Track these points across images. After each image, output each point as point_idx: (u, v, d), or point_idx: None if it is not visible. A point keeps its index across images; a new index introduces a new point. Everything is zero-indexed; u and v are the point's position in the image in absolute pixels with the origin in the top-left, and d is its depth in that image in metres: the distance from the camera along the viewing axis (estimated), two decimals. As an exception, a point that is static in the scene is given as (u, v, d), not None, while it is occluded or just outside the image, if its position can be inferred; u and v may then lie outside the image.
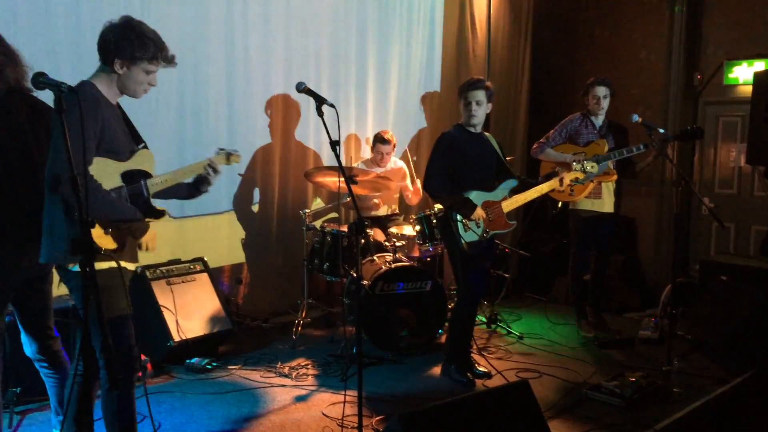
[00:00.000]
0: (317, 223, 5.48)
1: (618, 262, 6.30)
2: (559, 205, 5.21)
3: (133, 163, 2.75)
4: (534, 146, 5.17)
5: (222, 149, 3.22)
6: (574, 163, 4.33)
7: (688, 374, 4.27)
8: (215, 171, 3.07)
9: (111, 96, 2.72)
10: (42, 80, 2.26)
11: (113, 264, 2.62)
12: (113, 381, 2.25)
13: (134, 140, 2.84)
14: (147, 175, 2.80)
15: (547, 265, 6.52)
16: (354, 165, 5.57)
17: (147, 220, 2.78)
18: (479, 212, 4.06)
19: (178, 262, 4.73)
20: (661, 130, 4.60)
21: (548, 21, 7.30)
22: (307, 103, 5.55)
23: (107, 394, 2.74)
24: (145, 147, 2.86)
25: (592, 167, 4.32)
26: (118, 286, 2.62)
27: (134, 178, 2.74)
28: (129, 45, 2.63)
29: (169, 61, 2.80)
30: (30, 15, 3.98)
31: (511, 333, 5.25)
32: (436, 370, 4.42)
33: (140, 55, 2.65)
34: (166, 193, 3.00)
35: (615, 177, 5.02)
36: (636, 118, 4.55)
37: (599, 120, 5.10)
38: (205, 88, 5.04)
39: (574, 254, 5.25)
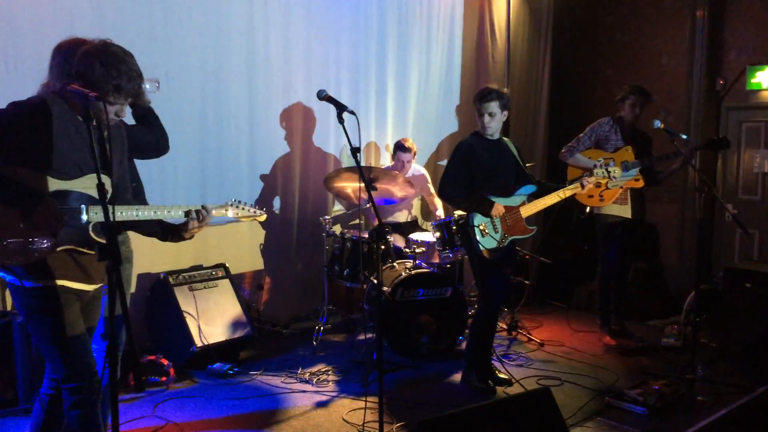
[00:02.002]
0: (337, 229, 5.50)
1: (640, 268, 6.25)
2: (587, 210, 5.19)
3: (76, 185, 2.48)
4: (563, 150, 5.14)
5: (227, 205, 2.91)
6: (596, 168, 4.31)
7: (712, 382, 4.22)
8: (200, 219, 2.74)
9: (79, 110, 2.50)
10: None
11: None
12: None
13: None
14: (94, 201, 2.52)
15: (568, 271, 6.48)
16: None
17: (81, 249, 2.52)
18: (499, 208, 4.05)
19: (200, 268, 4.78)
20: (684, 136, 4.57)
21: (568, 27, 7.27)
22: (327, 110, 5.57)
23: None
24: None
25: (615, 171, 4.30)
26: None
27: (71, 200, 2.48)
28: None
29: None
30: (55, 24, 4.05)
31: (532, 340, 5.22)
32: (457, 377, 4.41)
33: None
34: (141, 229, 2.81)
35: (641, 183, 5.01)
36: (658, 124, 4.53)
37: (629, 126, 5.08)
38: (227, 96, 5.09)
39: (603, 260, 5.21)
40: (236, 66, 5.11)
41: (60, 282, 2.50)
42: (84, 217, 2.50)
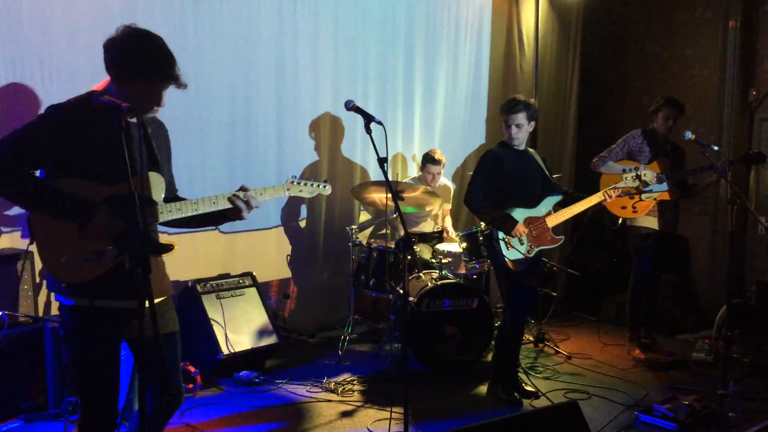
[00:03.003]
0: (363, 239, 5.51)
1: (671, 281, 6.15)
2: (619, 221, 5.13)
3: (124, 188, 2.31)
4: (595, 159, 5.09)
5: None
6: (626, 173, 4.26)
7: (743, 398, 4.12)
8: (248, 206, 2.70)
9: None
10: None
11: None
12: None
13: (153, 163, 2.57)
14: (150, 202, 2.50)
15: (596, 283, 6.40)
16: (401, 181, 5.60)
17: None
18: (520, 229, 4.02)
19: (227, 276, 4.82)
20: (715, 148, 4.50)
21: (597, 37, 7.23)
22: (355, 120, 5.60)
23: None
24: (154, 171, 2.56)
25: (646, 175, 4.24)
26: None
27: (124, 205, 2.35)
28: None
29: None
30: (90, 32, 4.13)
31: (559, 352, 5.17)
32: (483, 389, 4.37)
33: None
34: (198, 222, 2.75)
35: (675, 196, 4.95)
36: (689, 135, 4.47)
37: (661, 139, 5.03)
38: (256, 106, 5.14)
39: (635, 272, 5.14)
40: (265, 76, 5.17)
41: (102, 302, 2.42)
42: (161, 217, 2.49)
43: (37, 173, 2.42)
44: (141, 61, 2.39)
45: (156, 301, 2.62)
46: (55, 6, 4.07)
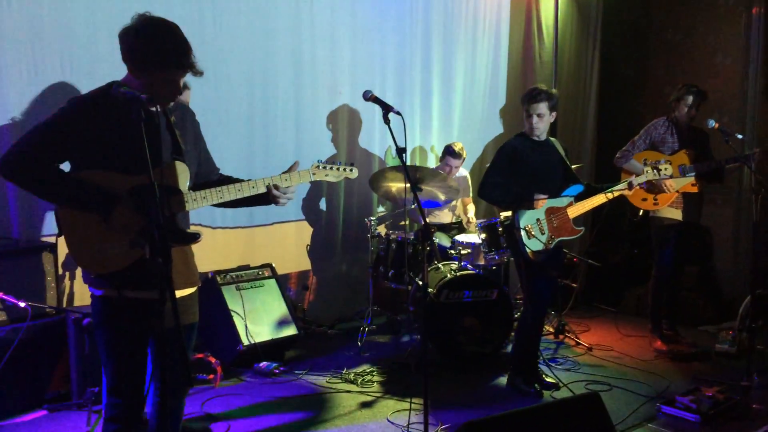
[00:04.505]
0: (382, 230, 5.51)
1: (693, 272, 6.08)
2: (641, 213, 5.07)
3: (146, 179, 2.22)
4: (618, 155, 5.02)
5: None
6: (645, 167, 4.21)
7: (767, 390, 4.08)
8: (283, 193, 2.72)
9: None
10: None
11: None
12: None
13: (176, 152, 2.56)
14: (175, 192, 2.51)
15: (617, 275, 6.34)
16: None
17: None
18: (540, 202, 3.98)
19: (247, 268, 4.84)
20: (739, 136, 4.44)
21: (618, 25, 7.12)
22: (373, 112, 5.60)
23: None
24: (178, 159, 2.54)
25: (666, 169, 4.18)
26: None
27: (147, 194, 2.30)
28: None
29: None
30: (110, 28, 4.15)
31: (580, 344, 5.13)
32: (503, 381, 4.36)
33: None
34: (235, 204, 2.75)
35: (697, 188, 4.88)
36: (712, 123, 4.40)
37: (684, 127, 4.96)
38: (274, 97, 5.15)
39: (658, 263, 5.09)
40: (283, 68, 5.17)
41: (130, 293, 2.44)
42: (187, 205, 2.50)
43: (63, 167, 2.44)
44: (156, 50, 2.38)
45: (188, 292, 2.65)
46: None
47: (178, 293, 2.44)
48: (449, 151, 5.40)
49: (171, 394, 2.67)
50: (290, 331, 4.72)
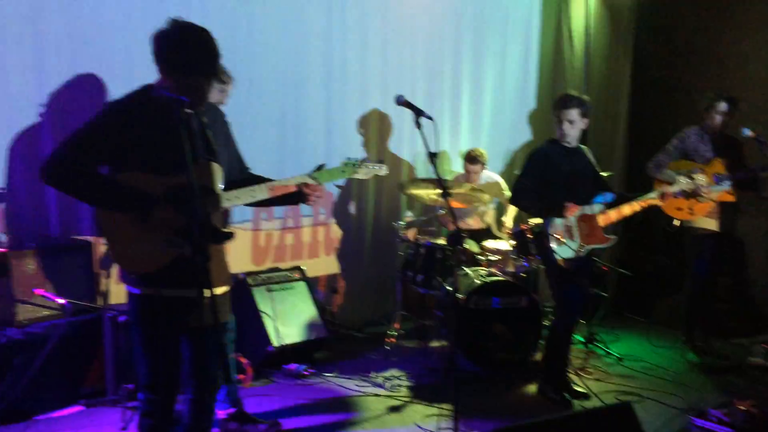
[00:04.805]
0: (411, 235, 5.51)
1: (726, 284, 5.98)
2: (675, 222, 5.01)
3: (183, 179, 2.34)
4: (650, 164, 4.97)
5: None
6: (680, 177, 4.17)
7: (804, 405, 4.00)
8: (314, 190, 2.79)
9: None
10: None
11: None
12: None
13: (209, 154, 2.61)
14: (209, 192, 2.55)
15: (649, 285, 6.27)
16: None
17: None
18: (572, 209, 3.96)
19: (277, 270, 4.89)
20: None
21: (650, 31, 7.04)
22: (402, 116, 5.61)
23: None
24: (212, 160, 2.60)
25: (700, 179, 4.14)
26: None
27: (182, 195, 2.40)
28: None
29: None
30: (146, 26, 4.23)
31: (610, 354, 5.08)
32: (532, 388, 4.34)
33: None
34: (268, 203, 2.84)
35: (734, 197, 4.81)
36: (747, 132, 4.35)
37: (717, 135, 4.89)
38: (305, 101, 5.19)
39: (692, 274, 5.02)
40: (314, 72, 5.22)
41: (167, 291, 2.50)
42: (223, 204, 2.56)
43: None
44: (182, 56, 2.44)
45: (221, 291, 2.70)
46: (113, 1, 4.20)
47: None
48: (467, 157, 5.48)
49: (207, 391, 2.72)
50: (319, 333, 4.75)
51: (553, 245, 3.96)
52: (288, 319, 4.64)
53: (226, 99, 3.82)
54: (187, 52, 2.45)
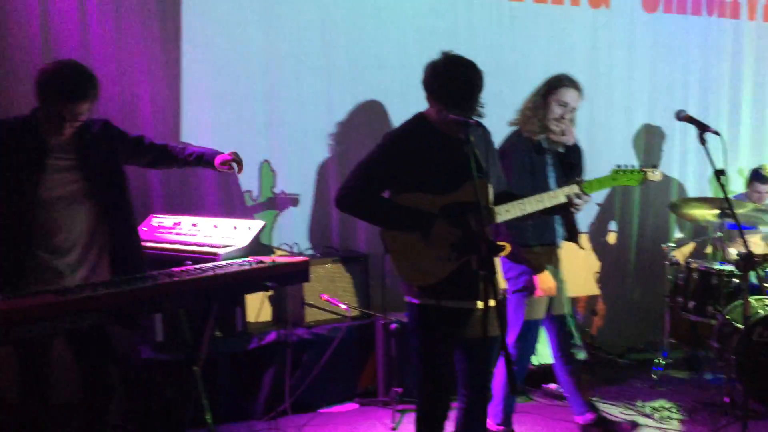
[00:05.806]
0: (681, 258, 5.15)
1: None
2: None
3: (459, 196, 2.61)
4: None
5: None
6: None
7: None
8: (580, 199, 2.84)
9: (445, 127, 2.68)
10: None
11: None
12: None
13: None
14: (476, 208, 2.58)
15: None
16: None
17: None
18: None
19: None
20: None
21: None
22: (672, 132, 5.32)
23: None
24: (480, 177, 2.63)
25: None
26: None
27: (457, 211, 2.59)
28: None
29: None
30: (347, 30, 4.58)
31: None
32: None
33: None
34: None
35: None
36: None
37: None
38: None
39: None
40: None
41: (447, 302, 2.65)
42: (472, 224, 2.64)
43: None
44: (441, 88, 2.63)
45: (492, 304, 2.78)
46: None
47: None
48: (756, 176, 4.95)
49: (478, 402, 2.81)
50: (579, 355, 4.61)
51: None
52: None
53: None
54: (447, 85, 2.63)
